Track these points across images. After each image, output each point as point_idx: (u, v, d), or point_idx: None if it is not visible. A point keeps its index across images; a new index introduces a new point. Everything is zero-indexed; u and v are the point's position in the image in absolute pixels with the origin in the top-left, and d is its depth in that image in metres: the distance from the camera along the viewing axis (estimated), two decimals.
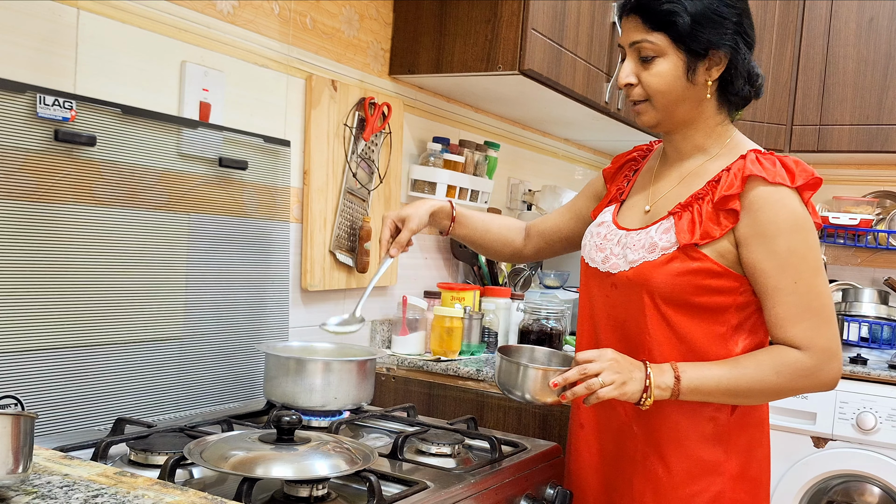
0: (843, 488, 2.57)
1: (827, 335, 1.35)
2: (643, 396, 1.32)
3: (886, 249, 3.14)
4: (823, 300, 1.36)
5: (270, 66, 1.90)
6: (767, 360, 1.35)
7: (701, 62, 1.37)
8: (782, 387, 1.36)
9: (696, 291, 1.37)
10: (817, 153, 3.04)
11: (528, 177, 3.12)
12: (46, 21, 1.44)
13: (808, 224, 1.36)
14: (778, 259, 1.34)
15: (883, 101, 2.89)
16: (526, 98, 2.47)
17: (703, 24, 1.35)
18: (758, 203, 1.34)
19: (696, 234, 1.37)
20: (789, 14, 3.00)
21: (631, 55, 1.41)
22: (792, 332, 1.35)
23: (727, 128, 1.46)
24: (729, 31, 1.37)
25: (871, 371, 2.56)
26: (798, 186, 1.35)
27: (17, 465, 0.90)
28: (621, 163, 1.63)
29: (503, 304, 2.46)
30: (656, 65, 1.38)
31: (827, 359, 1.35)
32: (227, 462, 1.13)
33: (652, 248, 1.40)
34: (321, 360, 1.62)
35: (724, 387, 1.34)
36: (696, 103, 1.41)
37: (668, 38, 1.36)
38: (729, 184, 1.36)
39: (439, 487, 1.24)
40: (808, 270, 1.34)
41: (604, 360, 1.32)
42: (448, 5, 2.20)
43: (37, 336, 1.40)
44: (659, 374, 1.34)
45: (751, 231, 1.35)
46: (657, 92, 1.39)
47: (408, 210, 1.60)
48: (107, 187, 1.50)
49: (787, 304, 1.34)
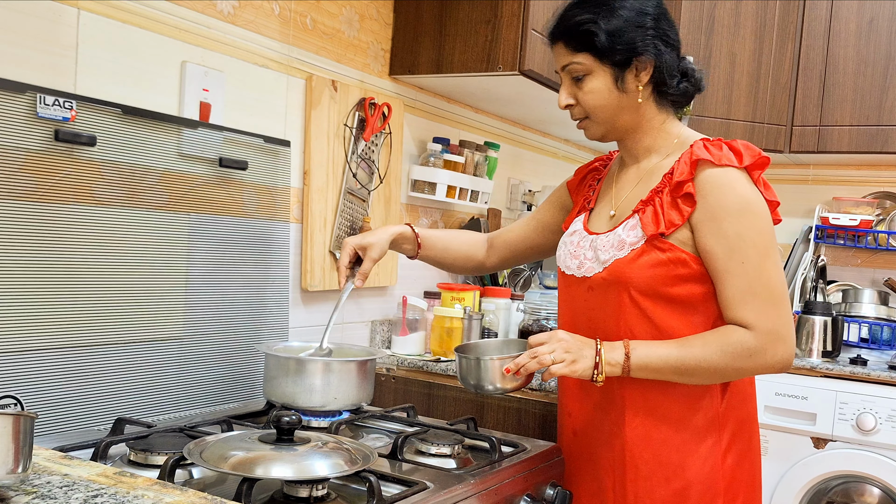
0: (842, 489, 2.57)
1: (773, 317, 1.37)
2: (594, 373, 1.37)
3: (886, 250, 3.14)
4: (771, 282, 1.38)
5: (271, 66, 1.90)
6: (714, 340, 1.38)
7: (627, 71, 1.44)
8: (727, 366, 1.38)
9: (670, 282, 1.41)
10: (817, 154, 3.04)
11: (528, 177, 3.12)
12: (46, 21, 1.44)
13: (757, 206, 1.39)
14: (726, 241, 1.37)
15: (883, 101, 2.89)
16: (526, 98, 2.47)
17: (620, 37, 1.41)
18: (707, 187, 1.39)
19: (661, 225, 1.41)
20: (789, 14, 3.00)
21: (565, 78, 1.48)
22: (740, 313, 1.37)
23: (673, 125, 1.52)
24: (648, 36, 1.43)
25: (871, 372, 2.56)
26: (746, 166, 1.40)
27: (17, 465, 0.90)
28: (584, 174, 1.70)
29: (503, 305, 2.46)
30: (587, 83, 1.45)
31: (772, 340, 1.37)
32: (227, 462, 1.13)
33: (621, 245, 1.45)
34: (321, 361, 1.62)
35: (672, 364, 1.38)
36: (635, 109, 1.47)
37: (591, 56, 1.43)
38: (680, 171, 1.41)
39: (439, 488, 1.24)
40: (756, 253, 1.37)
41: (554, 342, 1.38)
42: (448, 6, 2.20)
43: (37, 336, 1.40)
44: (610, 350, 1.38)
45: (701, 215, 1.39)
46: (594, 108, 1.46)
47: (369, 238, 1.63)
48: (107, 187, 1.50)
49: (734, 286, 1.38)
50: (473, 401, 1.94)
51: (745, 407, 1.49)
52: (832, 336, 2.73)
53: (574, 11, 1.43)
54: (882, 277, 3.20)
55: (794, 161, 3.31)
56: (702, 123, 2.93)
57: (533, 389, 1.88)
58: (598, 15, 1.41)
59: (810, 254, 3.11)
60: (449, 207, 2.63)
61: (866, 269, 3.27)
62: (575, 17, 1.43)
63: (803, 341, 2.75)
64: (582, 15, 1.42)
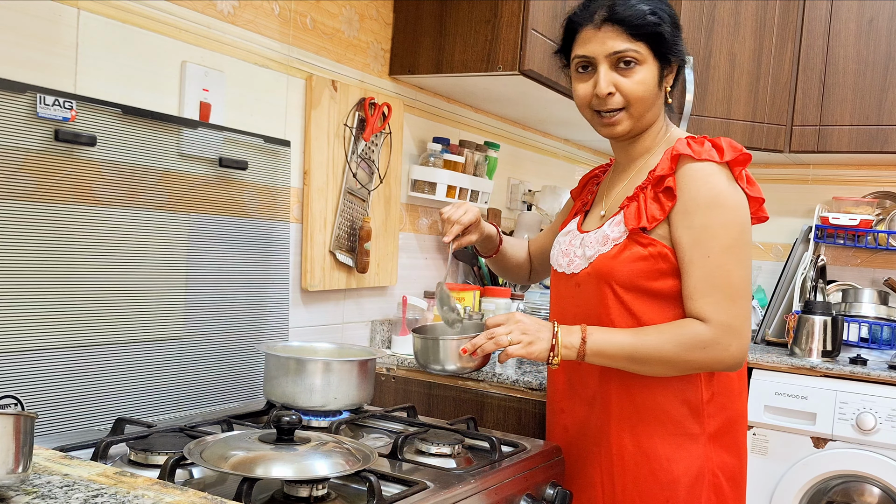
0: (842, 489, 2.57)
1: (730, 312, 1.38)
2: (550, 355, 1.39)
3: (886, 250, 3.14)
4: (731, 278, 1.38)
5: (270, 66, 1.90)
6: (669, 330, 1.39)
7: (667, 69, 1.46)
8: (680, 357, 1.38)
9: (651, 276, 1.42)
10: (817, 154, 3.04)
11: (528, 177, 3.12)
12: (46, 21, 1.44)
13: (730, 201, 1.40)
14: (693, 233, 1.39)
15: (883, 101, 2.89)
16: (526, 98, 2.47)
17: (677, 36, 1.45)
18: (684, 181, 1.41)
19: (643, 219, 1.42)
20: (789, 14, 3.00)
21: (608, 64, 1.44)
22: (698, 304, 1.39)
23: (667, 125, 1.54)
24: (681, 40, 1.47)
25: (871, 371, 2.56)
26: (728, 161, 1.41)
27: (17, 465, 0.90)
28: (585, 181, 1.73)
29: (503, 305, 2.46)
30: (637, 73, 1.43)
31: (726, 334, 1.37)
32: (227, 462, 1.13)
33: (605, 240, 1.47)
34: (321, 360, 1.62)
35: (627, 352, 1.39)
36: (658, 109, 1.50)
37: (648, 47, 1.43)
38: (661, 166, 1.43)
39: (439, 487, 1.24)
40: (719, 247, 1.38)
41: (511, 323, 1.40)
42: (448, 5, 2.20)
43: (37, 336, 1.40)
44: (567, 334, 1.40)
45: (677, 209, 1.41)
46: (637, 98, 1.44)
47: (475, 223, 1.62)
48: (107, 187, 1.50)
49: (696, 277, 1.39)
50: (473, 401, 1.94)
51: (731, 401, 1.50)
52: (832, 336, 2.73)
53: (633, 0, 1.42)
54: (882, 277, 3.20)
55: (794, 161, 3.31)
56: (702, 123, 2.93)
57: (533, 389, 1.88)
58: (661, 9, 1.43)
59: (810, 253, 3.11)
60: None
61: (866, 268, 3.27)
62: (636, 5, 1.42)
63: (803, 341, 2.75)
64: (643, 5, 1.42)
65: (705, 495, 1.45)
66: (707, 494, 1.45)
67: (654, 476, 1.45)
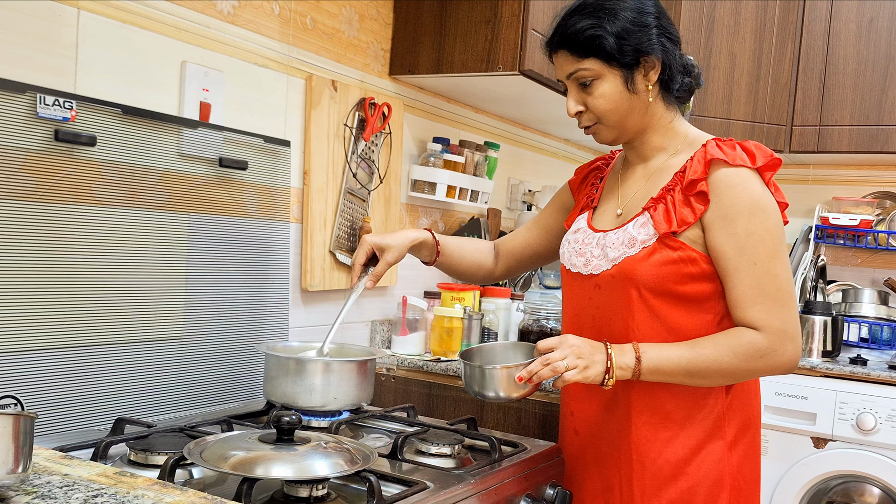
0: (842, 489, 2.57)
1: (783, 317, 1.37)
2: (605, 377, 1.36)
3: (886, 250, 3.14)
4: (780, 283, 1.38)
5: (270, 66, 1.90)
6: (725, 341, 1.38)
7: (636, 71, 1.43)
8: (739, 367, 1.38)
9: (679, 280, 1.41)
10: (817, 154, 3.04)
11: (528, 177, 3.12)
12: (46, 21, 1.44)
13: (769, 206, 1.40)
14: (737, 241, 1.37)
15: (883, 101, 2.89)
16: (526, 98, 2.47)
17: (627, 38, 1.40)
18: (720, 187, 1.39)
19: (673, 223, 1.41)
20: (789, 14, 3.00)
21: (571, 86, 1.46)
22: (749, 313, 1.38)
23: (681, 123, 1.51)
24: (653, 35, 1.42)
25: (871, 371, 2.56)
26: (759, 167, 1.40)
27: (17, 465, 0.90)
28: (585, 173, 1.69)
29: (503, 305, 2.46)
30: (596, 88, 1.43)
31: (781, 340, 1.37)
32: (227, 462, 1.13)
33: (632, 243, 1.44)
34: (321, 361, 1.62)
35: (684, 367, 1.37)
36: (644, 110, 1.46)
37: (598, 60, 1.41)
38: (693, 170, 1.41)
39: (439, 487, 1.24)
40: (766, 253, 1.37)
41: (566, 347, 1.36)
42: (448, 6, 2.20)
43: (37, 336, 1.39)
44: (620, 354, 1.37)
45: (714, 215, 1.39)
46: (605, 112, 1.44)
47: (388, 240, 1.59)
48: (107, 187, 1.50)
49: (744, 285, 1.38)
50: (473, 401, 1.94)
51: (749, 404, 1.49)
52: (832, 336, 2.73)
53: (575, 18, 1.42)
54: (882, 277, 3.20)
55: (794, 161, 3.31)
56: (702, 123, 2.93)
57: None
58: (602, 19, 1.40)
59: (810, 253, 3.11)
60: (449, 207, 2.63)
61: (866, 268, 3.27)
62: (577, 23, 1.41)
63: (803, 341, 2.75)
64: (583, 21, 1.40)
65: (724, 499, 1.44)
66: (726, 498, 1.44)
67: (674, 480, 1.43)
